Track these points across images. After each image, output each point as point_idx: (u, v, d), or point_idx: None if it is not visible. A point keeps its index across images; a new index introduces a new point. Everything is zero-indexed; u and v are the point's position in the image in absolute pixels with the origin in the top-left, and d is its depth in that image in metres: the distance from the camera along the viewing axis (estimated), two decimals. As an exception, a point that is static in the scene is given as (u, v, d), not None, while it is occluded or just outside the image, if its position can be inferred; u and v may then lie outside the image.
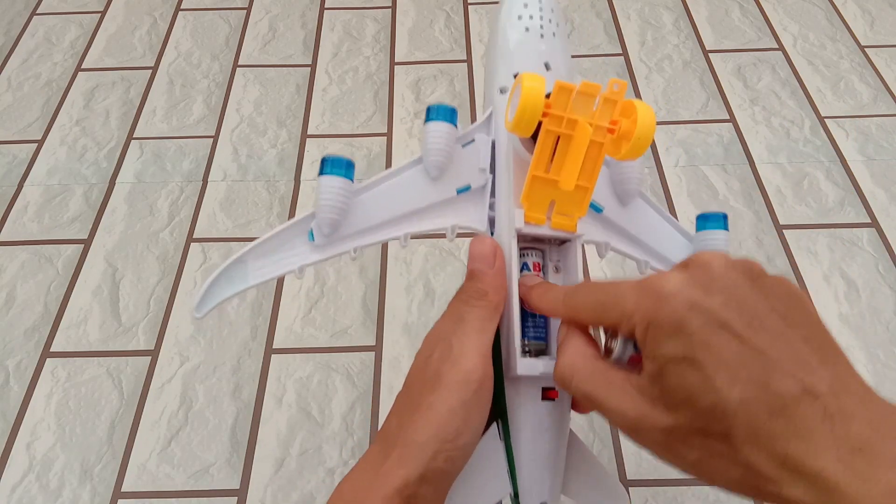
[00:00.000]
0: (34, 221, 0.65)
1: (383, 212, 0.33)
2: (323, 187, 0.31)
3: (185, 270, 0.61)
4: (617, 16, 0.84)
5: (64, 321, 0.58)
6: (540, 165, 0.30)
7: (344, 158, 0.31)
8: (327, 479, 0.49)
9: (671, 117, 0.72)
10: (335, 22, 0.84)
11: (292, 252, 0.32)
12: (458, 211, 0.34)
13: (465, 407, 0.28)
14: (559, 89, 0.29)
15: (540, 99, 0.28)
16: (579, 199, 0.31)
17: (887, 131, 0.70)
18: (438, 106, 0.33)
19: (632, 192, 0.35)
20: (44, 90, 0.77)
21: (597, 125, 0.30)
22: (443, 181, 0.33)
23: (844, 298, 0.58)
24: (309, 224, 0.32)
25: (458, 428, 0.27)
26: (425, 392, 0.28)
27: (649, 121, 0.29)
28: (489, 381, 0.29)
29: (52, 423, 0.52)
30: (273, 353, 0.55)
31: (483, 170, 0.34)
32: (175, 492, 0.49)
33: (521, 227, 0.31)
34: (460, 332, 0.29)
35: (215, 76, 0.78)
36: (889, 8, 0.83)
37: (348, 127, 0.72)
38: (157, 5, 0.87)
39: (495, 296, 0.30)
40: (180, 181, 0.68)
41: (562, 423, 0.32)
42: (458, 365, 0.28)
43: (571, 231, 0.32)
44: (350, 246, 0.32)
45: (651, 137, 0.29)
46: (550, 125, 0.29)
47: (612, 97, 0.30)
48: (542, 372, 0.30)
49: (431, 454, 0.27)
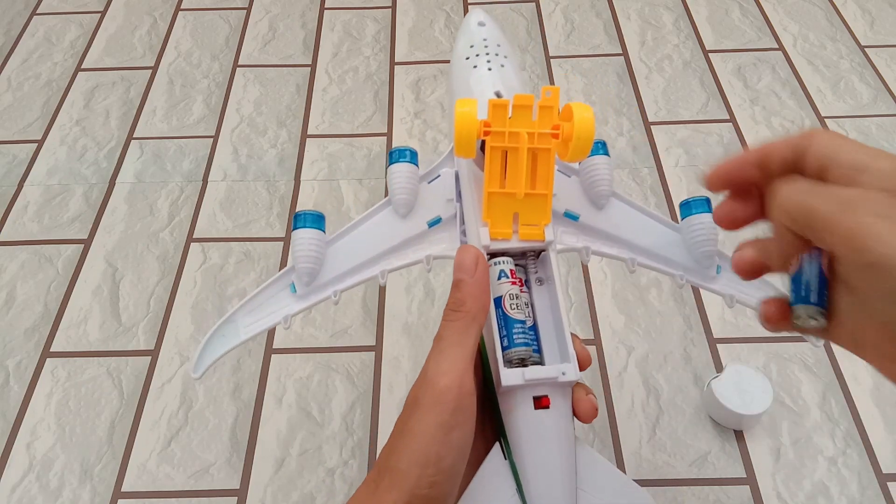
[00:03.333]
0: (34, 221, 0.65)
1: (359, 255, 0.34)
2: (297, 241, 0.33)
3: (185, 270, 0.61)
4: (617, 16, 0.84)
5: (64, 321, 0.58)
6: (493, 181, 0.32)
7: (313, 212, 0.34)
8: (327, 479, 0.49)
9: (671, 117, 0.72)
10: (335, 22, 0.84)
11: (277, 305, 0.34)
12: (431, 242, 0.35)
13: (444, 429, 0.27)
14: (494, 107, 0.31)
15: (472, 120, 0.30)
16: (540, 207, 0.32)
17: (887, 131, 0.70)
18: (399, 149, 0.35)
19: (604, 194, 0.35)
20: (44, 90, 0.77)
21: (539, 133, 0.31)
22: (412, 218, 0.35)
23: (844, 298, 0.58)
24: (290, 278, 0.34)
25: (438, 452, 0.27)
26: (405, 418, 0.28)
27: (587, 121, 0.30)
28: (468, 399, 0.28)
29: (52, 423, 0.52)
30: (273, 353, 0.55)
31: (450, 200, 0.35)
32: (175, 492, 0.49)
33: (488, 244, 0.32)
34: (436, 350, 0.29)
35: (215, 76, 0.78)
36: (889, 8, 0.83)
37: (348, 127, 0.72)
38: (157, 5, 0.87)
39: (473, 304, 0.30)
40: (180, 181, 0.68)
41: (563, 433, 0.31)
42: (432, 387, 0.28)
43: (540, 240, 0.33)
44: (330, 291, 0.34)
45: (591, 135, 0.30)
46: (493, 142, 0.31)
47: (546, 104, 0.31)
48: (527, 379, 0.30)
49: (414, 481, 0.27)
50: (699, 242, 0.35)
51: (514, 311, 0.32)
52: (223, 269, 0.61)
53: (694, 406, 0.52)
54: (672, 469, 0.49)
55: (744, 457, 0.49)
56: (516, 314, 0.32)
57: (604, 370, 0.54)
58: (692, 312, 0.57)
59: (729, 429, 0.50)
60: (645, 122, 0.72)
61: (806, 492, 0.48)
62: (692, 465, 0.49)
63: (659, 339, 0.55)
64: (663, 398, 0.52)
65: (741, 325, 0.56)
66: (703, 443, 0.50)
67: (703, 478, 0.48)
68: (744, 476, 0.48)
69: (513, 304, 0.32)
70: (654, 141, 0.70)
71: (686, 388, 0.53)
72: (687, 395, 0.52)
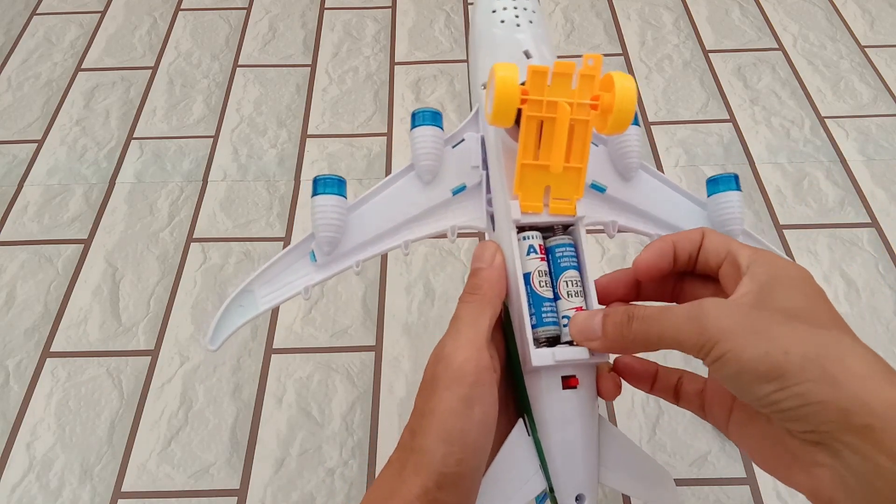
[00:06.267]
0: (34, 221, 0.65)
1: (381, 223, 0.33)
2: (317, 207, 0.32)
3: (185, 270, 0.61)
4: (617, 16, 0.84)
5: (64, 321, 0.58)
6: (528, 153, 0.30)
7: (335, 176, 0.32)
8: (327, 479, 0.49)
9: (671, 117, 0.72)
10: (335, 22, 0.84)
11: (297, 275, 0.32)
12: (455, 211, 0.34)
13: (465, 403, 0.27)
14: (533, 73, 0.29)
15: (513, 87, 0.28)
16: (574, 180, 0.31)
17: (887, 131, 0.70)
18: (422, 110, 0.33)
19: (633, 166, 0.34)
20: (44, 90, 0.77)
21: (578, 103, 0.29)
22: (436, 184, 0.33)
23: (844, 298, 0.58)
24: (309, 246, 0.33)
25: (462, 428, 0.27)
26: (426, 398, 0.28)
27: (629, 91, 0.28)
28: (486, 374, 0.28)
29: (52, 423, 0.52)
30: (273, 353, 0.55)
31: (476, 167, 0.34)
32: (175, 492, 0.49)
33: (518, 218, 0.31)
34: (453, 330, 0.29)
35: (215, 76, 0.78)
36: (889, 8, 0.83)
37: (348, 127, 0.72)
38: (157, 5, 0.87)
39: (489, 290, 0.30)
40: (180, 181, 0.68)
41: (588, 412, 0.31)
42: (450, 363, 0.28)
43: (571, 214, 0.31)
44: (352, 261, 0.33)
45: (632, 107, 0.28)
46: (530, 111, 0.29)
47: (588, 73, 0.30)
48: (557, 360, 0.29)
49: (441, 459, 0.27)
50: (726, 220, 0.34)
51: (543, 288, 0.31)
52: (223, 269, 0.61)
53: (694, 406, 0.52)
54: (672, 469, 0.49)
55: (744, 457, 0.49)
56: (545, 292, 0.31)
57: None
58: (692, 312, 0.57)
59: (729, 429, 0.50)
60: (645, 122, 0.72)
61: (806, 492, 0.48)
62: (692, 465, 0.49)
63: (659, 339, 0.55)
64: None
65: (741, 325, 0.56)
66: (703, 443, 0.50)
67: (703, 478, 0.48)
68: (744, 476, 0.48)
69: (542, 280, 0.31)
70: (654, 141, 0.70)
71: (686, 388, 0.53)
72: (687, 395, 0.52)
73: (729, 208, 0.34)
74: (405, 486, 0.27)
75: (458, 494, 0.27)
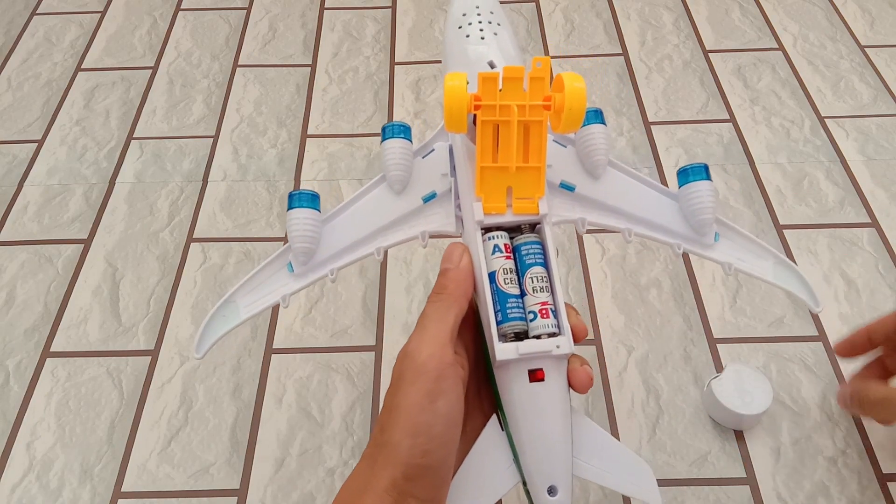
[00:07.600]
0: (34, 221, 0.65)
1: (354, 233, 0.35)
2: (293, 221, 0.34)
3: (185, 270, 0.61)
4: (617, 16, 0.84)
5: (64, 321, 0.58)
6: (486, 156, 0.32)
7: (309, 191, 0.34)
8: (327, 479, 0.49)
9: (671, 117, 0.72)
10: (335, 22, 0.84)
11: (276, 285, 0.35)
12: (426, 218, 0.35)
13: (429, 397, 0.28)
14: (483, 80, 0.30)
15: (461, 94, 0.30)
16: (534, 180, 0.32)
17: (887, 131, 0.70)
18: (391, 125, 0.35)
19: (600, 164, 0.35)
20: (44, 90, 0.77)
21: (530, 105, 0.31)
22: (407, 193, 0.35)
23: (844, 298, 0.58)
24: (287, 257, 0.35)
25: (426, 421, 0.28)
26: (393, 393, 0.29)
27: (578, 90, 0.29)
28: (449, 368, 0.29)
29: (52, 423, 0.52)
30: (273, 353, 0.55)
31: (445, 174, 0.35)
32: (175, 492, 0.49)
33: (481, 219, 0.32)
34: (419, 328, 0.31)
35: (215, 76, 0.78)
36: (889, 8, 0.83)
37: (348, 127, 0.72)
38: (157, 5, 0.87)
39: (455, 289, 0.31)
40: (180, 181, 0.68)
41: (558, 404, 0.31)
42: (414, 360, 0.29)
43: (534, 213, 0.33)
44: (327, 269, 0.34)
45: (583, 105, 0.30)
46: (484, 115, 0.31)
47: (537, 75, 0.31)
48: (521, 353, 0.30)
49: (407, 451, 0.28)
50: (697, 210, 0.34)
51: (507, 285, 0.32)
52: (223, 269, 0.61)
53: (694, 406, 0.52)
54: (672, 469, 0.49)
55: (744, 457, 0.49)
56: (511, 289, 0.32)
57: (604, 370, 0.54)
58: (692, 312, 0.57)
59: (729, 429, 0.50)
60: (645, 122, 0.72)
61: (806, 492, 0.48)
62: (692, 465, 0.49)
63: (659, 339, 0.55)
64: (663, 398, 0.52)
65: (741, 325, 0.56)
66: (703, 443, 0.50)
67: (703, 478, 0.48)
68: (744, 476, 0.48)
69: (506, 278, 0.32)
70: (653, 141, 0.70)
71: (686, 388, 0.53)
72: (687, 395, 0.52)
73: (699, 198, 0.34)
74: (375, 479, 0.28)
75: (425, 486, 0.28)
